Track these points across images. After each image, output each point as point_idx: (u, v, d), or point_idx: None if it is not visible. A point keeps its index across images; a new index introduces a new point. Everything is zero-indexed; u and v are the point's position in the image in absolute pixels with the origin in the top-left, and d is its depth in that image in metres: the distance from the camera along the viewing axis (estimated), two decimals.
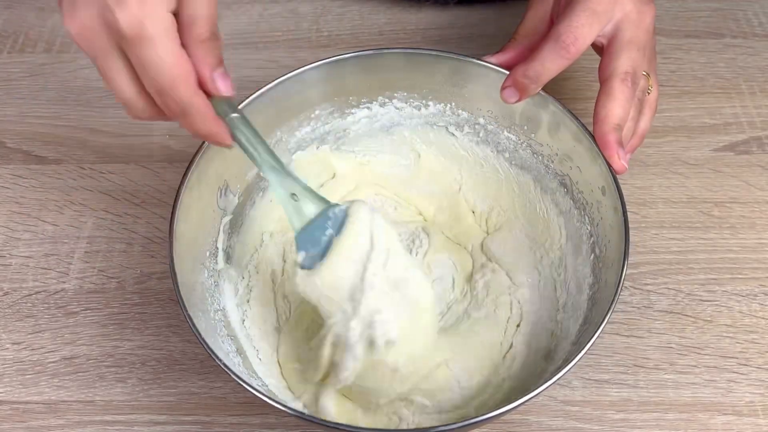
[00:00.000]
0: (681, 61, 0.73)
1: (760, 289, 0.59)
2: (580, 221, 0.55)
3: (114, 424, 0.55)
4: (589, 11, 0.52)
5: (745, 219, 0.63)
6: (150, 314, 0.59)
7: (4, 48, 0.77)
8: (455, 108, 0.60)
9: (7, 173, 0.68)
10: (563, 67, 0.53)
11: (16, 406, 0.56)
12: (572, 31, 0.52)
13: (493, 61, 0.57)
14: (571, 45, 0.52)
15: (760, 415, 0.54)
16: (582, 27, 0.52)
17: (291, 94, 0.57)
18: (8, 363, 0.57)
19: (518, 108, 0.56)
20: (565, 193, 0.57)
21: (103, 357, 0.57)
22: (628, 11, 0.53)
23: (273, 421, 0.54)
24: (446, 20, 0.78)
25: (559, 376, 0.44)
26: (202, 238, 0.54)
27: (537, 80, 0.53)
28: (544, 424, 0.54)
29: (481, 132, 0.60)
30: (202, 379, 0.56)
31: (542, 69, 0.52)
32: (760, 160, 0.66)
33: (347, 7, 0.80)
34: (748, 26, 0.76)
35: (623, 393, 0.55)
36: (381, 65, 0.57)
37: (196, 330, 0.45)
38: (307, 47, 0.76)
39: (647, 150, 0.67)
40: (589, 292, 0.52)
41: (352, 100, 0.60)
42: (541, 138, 0.57)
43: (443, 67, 0.57)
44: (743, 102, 0.70)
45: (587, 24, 0.52)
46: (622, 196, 0.50)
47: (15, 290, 0.61)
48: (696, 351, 0.56)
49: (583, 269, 0.54)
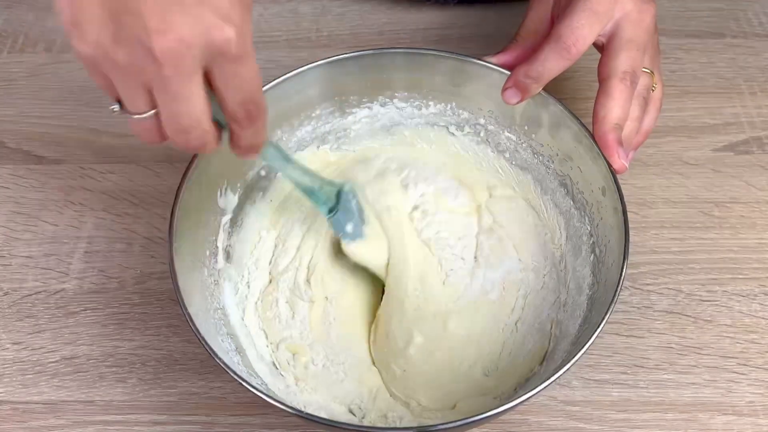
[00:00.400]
0: (681, 61, 0.73)
1: (761, 289, 0.59)
2: (580, 221, 0.55)
3: (114, 424, 0.55)
4: (589, 11, 0.52)
5: (745, 219, 0.63)
6: (150, 314, 0.59)
7: (4, 48, 0.77)
8: (456, 108, 0.60)
9: (7, 173, 0.68)
10: (564, 68, 0.53)
11: (16, 406, 0.56)
12: (573, 32, 0.52)
13: (494, 61, 0.57)
14: (572, 46, 0.52)
15: (760, 415, 0.54)
16: (582, 27, 0.52)
17: (291, 94, 0.57)
18: (8, 363, 0.57)
19: (519, 108, 0.56)
20: (565, 193, 0.57)
21: (103, 357, 0.57)
22: (628, 11, 0.53)
23: (273, 421, 0.54)
24: (447, 20, 0.78)
25: (558, 375, 0.44)
26: (201, 238, 0.54)
27: (538, 81, 0.53)
28: (544, 424, 0.54)
29: (481, 132, 0.60)
30: (202, 379, 0.56)
31: (543, 70, 0.52)
32: (760, 160, 0.66)
33: (347, 7, 0.80)
34: (748, 26, 0.76)
35: (623, 393, 0.55)
36: (381, 65, 0.57)
37: (195, 329, 0.45)
38: (307, 47, 0.76)
39: (647, 150, 0.67)
40: (588, 292, 0.52)
41: (353, 99, 0.60)
42: (542, 138, 0.57)
43: (444, 67, 0.57)
44: (743, 102, 0.70)
45: (588, 24, 0.52)
46: (623, 196, 0.50)
47: (15, 290, 0.61)
48: (696, 351, 0.56)
49: (583, 269, 0.54)
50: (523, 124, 0.58)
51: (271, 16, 0.78)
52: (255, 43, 0.39)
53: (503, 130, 0.59)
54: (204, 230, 0.54)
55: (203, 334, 0.45)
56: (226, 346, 0.50)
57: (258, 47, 0.75)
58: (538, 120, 0.56)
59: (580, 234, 0.55)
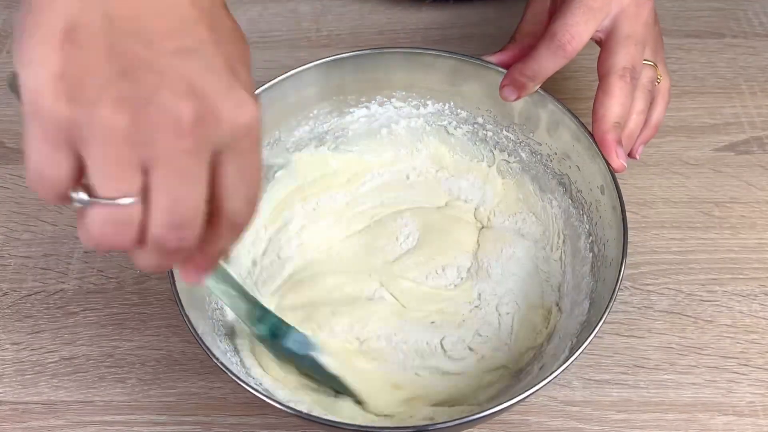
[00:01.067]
0: (681, 61, 0.73)
1: (761, 289, 0.59)
2: (579, 220, 0.55)
3: (114, 424, 0.54)
4: (585, 8, 0.52)
5: (745, 219, 0.63)
6: (150, 314, 0.59)
7: (4, 48, 0.77)
8: (454, 107, 0.60)
9: (7, 173, 0.68)
10: (560, 66, 0.52)
11: (15, 406, 0.55)
12: (568, 29, 0.51)
13: (493, 60, 0.57)
14: (567, 44, 0.51)
15: (760, 416, 0.53)
16: (578, 25, 0.51)
17: (289, 94, 0.57)
18: (7, 363, 0.57)
19: (517, 107, 0.56)
20: (563, 192, 0.57)
21: (103, 357, 0.57)
22: (625, 5, 0.53)
23: (273, 422, 0.54)
24: (446, 20, 0.78)
25: (556, 375, 0.44)
26: None
27: (534, 78, 0.53)
28: (544, 425, 0.54)
29: (479, 131, 0.60)
30: (202, 379, 0.56)
31: (539, 68, 0.52)
32: (760, 160, 0.66)
33: (347, 7, 0.80)
34: (748, 26, 0.76)
35: (623, 393, 0.55)
36: (379, 65, 0.57)
37: (193, 330, 0.45)
38: (307, 47, 0.76)
39: (647, 150, 0.67)
40: (587, 292, 0.52)
41: (351, 99, 0.60)
42: (540, 137, 0.57)
43: (442, 66, 0.57)
44: (744, 102, 0.70)
45: (583, 21, 0.51)
46: (621, 195, 0.50)
47: (14, 290, 0.61)
48: (696, 351, 0.56)
49: (582, 269, 0.54)
50: (522, 123, 0.58)
51: (271, 16, 0.78)
52: (255, 43, 0.38)
53: (501, 129, 0.59)
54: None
55: (201, 335, 0.45)
56: (224, 347, 0.50)
57: (258, 47, 0.75)
58: (536, 119, 0.56)
59: (579, 233, 0.55)
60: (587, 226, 0.54)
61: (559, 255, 0.57)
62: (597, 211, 0.53)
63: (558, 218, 0.57)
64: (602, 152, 0.51)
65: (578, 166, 0.55)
